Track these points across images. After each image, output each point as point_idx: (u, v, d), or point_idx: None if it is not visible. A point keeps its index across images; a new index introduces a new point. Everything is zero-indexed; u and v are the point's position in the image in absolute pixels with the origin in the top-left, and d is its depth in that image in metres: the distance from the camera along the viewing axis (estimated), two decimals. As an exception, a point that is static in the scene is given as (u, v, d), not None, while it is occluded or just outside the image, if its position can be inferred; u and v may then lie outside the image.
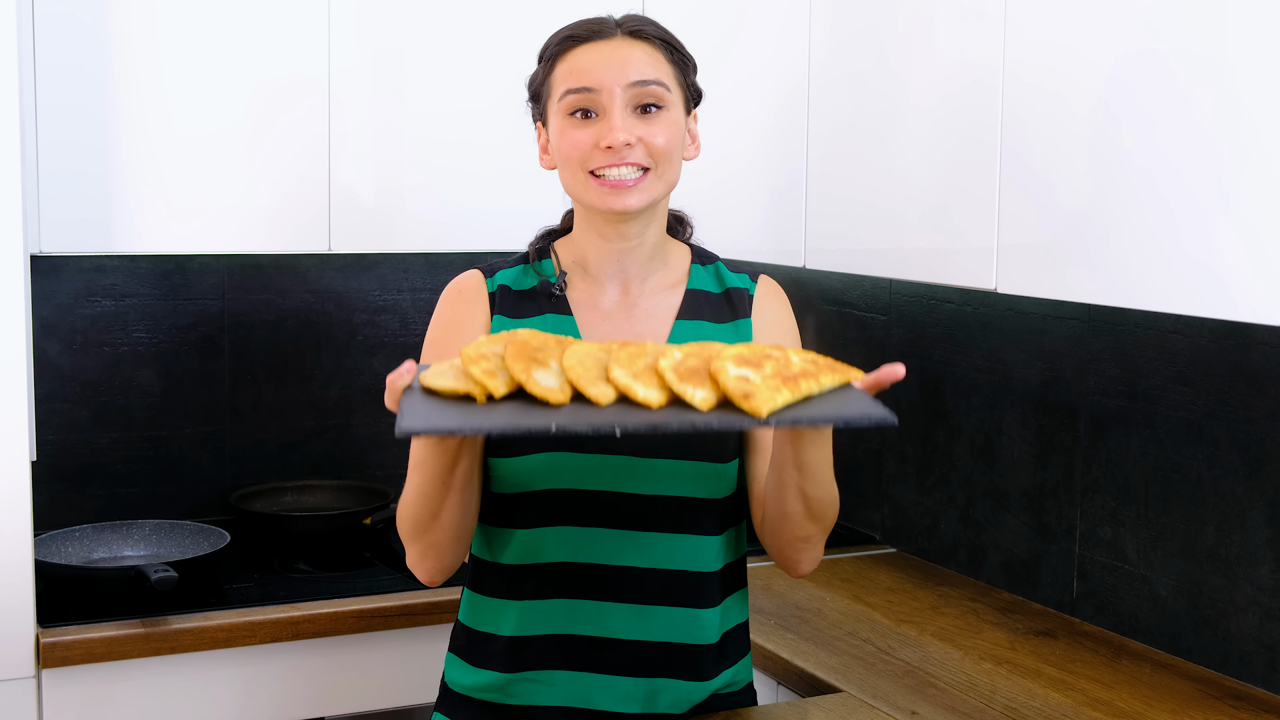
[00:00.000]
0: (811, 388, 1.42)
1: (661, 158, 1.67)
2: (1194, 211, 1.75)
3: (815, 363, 1.47)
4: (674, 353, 1.44)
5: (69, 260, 2.85)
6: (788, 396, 1.38)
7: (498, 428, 1.35)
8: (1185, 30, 1.76)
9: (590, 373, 1.42)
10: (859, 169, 2.37)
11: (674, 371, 1.40)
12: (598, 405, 1.38)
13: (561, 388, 1.41)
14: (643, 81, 1.66)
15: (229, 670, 2.41)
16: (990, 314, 2.57)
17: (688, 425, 1.34)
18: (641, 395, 1.38)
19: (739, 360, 1.42)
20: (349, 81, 2.67)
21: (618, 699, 1.71)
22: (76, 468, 2.89)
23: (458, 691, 1.78)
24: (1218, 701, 2.05)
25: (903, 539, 2.82)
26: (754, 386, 1.37)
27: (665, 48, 1.70)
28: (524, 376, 1.41)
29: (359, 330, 3.11)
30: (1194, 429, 2.18)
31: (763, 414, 1.34)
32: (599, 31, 1.69)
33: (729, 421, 1.35)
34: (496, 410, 1.38)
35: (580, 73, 1.67)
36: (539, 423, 1.33)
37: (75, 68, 2.47)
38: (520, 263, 1.79)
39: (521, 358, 1.43)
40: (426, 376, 1.44)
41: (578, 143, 1.66)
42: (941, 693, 2.07)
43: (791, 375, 1.41)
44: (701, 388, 1.38)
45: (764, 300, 1.79)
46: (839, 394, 1.44)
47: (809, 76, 2.48)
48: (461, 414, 1.37)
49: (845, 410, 1.38)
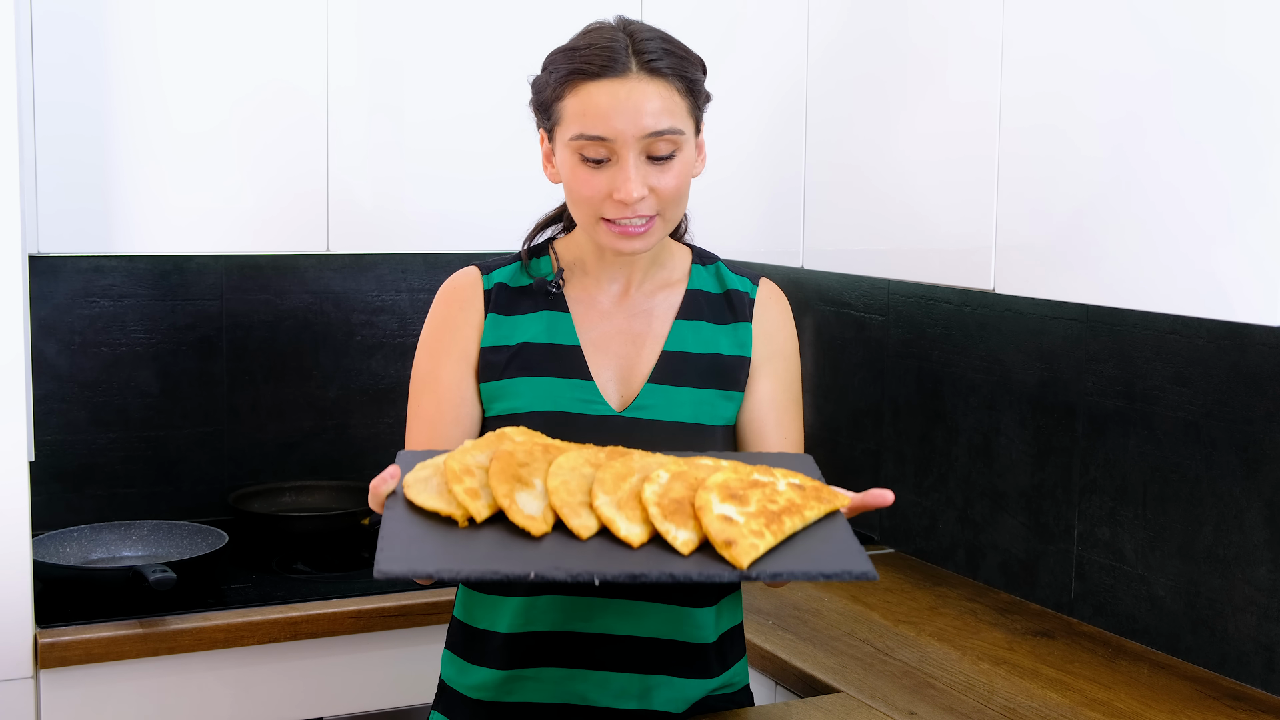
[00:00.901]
0: (796, 525, 1.41)
1: (671, 203, 1.65)
2: (1192, 212, 1.75)
3: (802, 490, 1.45)
4: (660, 474, 1.43)
5: (67, 261, 2.85)
6: (770, 542, 1.37)
7: (475, 573, 1.34)
8: (1182, 34, 1.76)
9: (575, 497, 1.42)
10: (857, 169, 2.37)
11: (658, 505, 1.39)
12: (579, 537, 1.39)
13: (544, 515, 1.41)
14: (658, 132, 1.60)
15: (227, 671, 2.41)
16: (988, 314, 2.57)
17: (666, 576, 1.33)
18: (624, 533, 1.38)
19: (724, 493, 1.40)
20: (348, 81, 2.67)
21: (613, 695, 1.71)
22: (75, 468, 2.89)
23: (454, 689, 1.78)
24: (1215, 702, 2.05)
25: (901, 539, 2.83)
26: (736, 532, 1.36)
27: (679, 81, 1.63)
28: (506, 502, 1.41)
29: (357, 331, 3.11)
30: (1192, 429, 2.18)
31: (744, 565, 1.34)
32: (611, 65, 1.60)
33: (709, 572, 1.34)
34: (477, 540, 1.38)
35: (594, 119, 1.60)
36: (517, 569, 1.33)
37: (74, 68, 2.47)
38: (517, 260, 1.79)
39: (505, 477, 1.43)
40: (410, 485, 1.45)
41: (589, 185, 1.63)
42: (940, 693, 2.07)
43: (776, 512, 1.40)
44: (684, 528, 1.38)
45: (765, 307, 1.78)
46: (824, 529, 1.43)
47: (807, 77, 2.48)
48: (441, 545, 1.37)
49: (826, 565, 1.36)
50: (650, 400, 1.70)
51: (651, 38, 1.64)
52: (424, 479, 1.48)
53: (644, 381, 1.71)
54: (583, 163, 1.63)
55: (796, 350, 1.81)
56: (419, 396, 1.75)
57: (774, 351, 1.77)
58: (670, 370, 1.72)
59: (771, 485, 1.44)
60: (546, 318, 1.73)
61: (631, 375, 1.72)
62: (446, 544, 1.38)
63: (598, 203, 1.63)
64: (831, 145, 2.43)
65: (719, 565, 1.35)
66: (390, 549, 1.36)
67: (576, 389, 1.70)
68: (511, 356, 1.71)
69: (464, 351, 1.73)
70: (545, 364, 1.70)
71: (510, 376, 1.70)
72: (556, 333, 1.72)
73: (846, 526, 1.44)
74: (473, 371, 1.73)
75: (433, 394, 1.73)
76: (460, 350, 1.73)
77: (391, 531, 1.40)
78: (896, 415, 2.81)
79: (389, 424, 3.15)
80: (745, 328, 1.76)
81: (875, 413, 2.84)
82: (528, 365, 1.70)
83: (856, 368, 2.88)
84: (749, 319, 1.76)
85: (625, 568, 1.34)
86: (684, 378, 1.72)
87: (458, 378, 1.72)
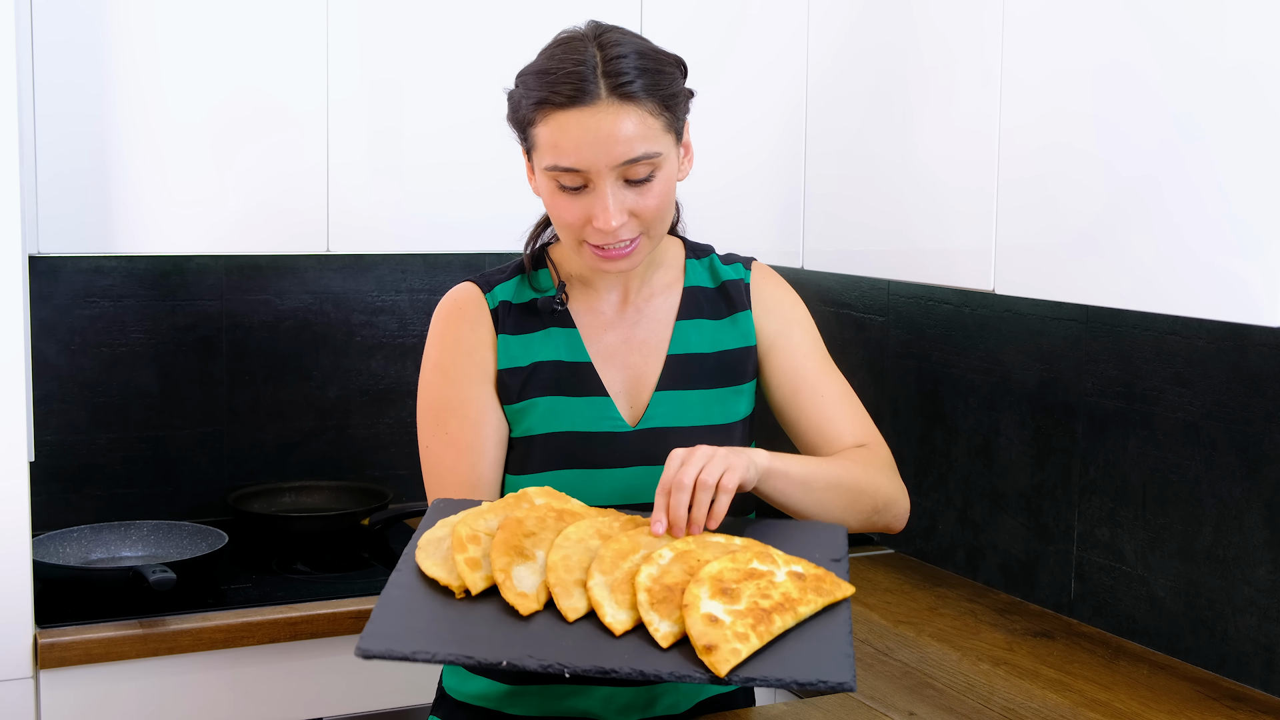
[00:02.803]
0: (787, 623, 1.38)
1: (654, 222, 1.62)
2: (1192, 212, 1.75)
3: (802, 581, 1.42)
4: (663, 554, 1.42)
5: (67, 261, 2.85)
6: (754, 645, 1.34)
7: (450, 657, 1.35)
8: (1183, 34, 1.76)
9: (572, 574, 1.42)
10: (857, 170, 2.37)
11: (648, 591, 1.38)
12: (565, 619, 1.39)
13: (538, 592, 1.41)
14: (632, 160, 1.56)
15: (227, 671, 2.41)
16: (988, 315, 2.57)
17: (637, 674, 1.32)
18: (609, 620, 1.38)
19: (715, 588, 1.38)
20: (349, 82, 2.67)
21: (617, 709, 1.71)
22: (74, 468, 2.89)
23: (455, 698, 1.77)
24: (1215, 702, 2.05)
25: (900, 540, 2.83)
26: (719, 635, 1.33)
27: (653, 100, 1.57)
28: (501, 577, 1.42)
29: (357, 331, 3.11)
30: (1192, 430, 2.19)
31: (721, 674, 1.32)
32: (580, 94, 1.54)
33: (682, 673, 1.33)
34: (465, 617, 1.40)
35: (566, 150, 1.55)
36: (490, 655, 1.34)
37: (75, 68, 2.47)
38: (517, 273, 1.76)
39: (506, 549, 1.44)
40: (422, 546, 1.48)
41: (568, 211, 1.60)
42: (939, 694, 2.07)
43: (768, 610, 1.37)
44: (668, 619, 1.37)
45: (761, 288, 1.78)
46: (819, 625, 1.40)
47: (808, 78, 2.48)
48: (427, 623, 1.39)
49: (802, 672, 1.33)
50: (661, 408, 1.70)
51: (623, 54, 1.57)
52: (438, 540, 1.49)
53: (652, 390, 1.71)
54: (560, 191, 1.59)
55: (807, 315, 1.80)
56: (445, 423, 1.69)
57: (783, 324, 1.77)
58: (677, 375, 1.71)
59: (769, 576, 1.41)
60: (554, 335, 1.71)
61: (640, 385, 1.72)
62: (433, 622, 1.40)
63: (578, 228, 1.61)
64: (832, 146, 2.43)
65: (695, 666, 1.33)
66: (377, 624, 1.39)
67: (592, 406, 1.69)
68: (526, 378, 1.69)
69: (485, 372, 1.70)
70: (559, 383, 1.69)
71: (527, 398, 1.69)
72: (566, 350, 1.71)
73: (846, 625, 1.40)
74: (495, 391, 1.70)
75: (461, 419, 1.68)
76: (481, 372, 1.70)
77: (388, 600, 1.43)
78: (896, 416, 2.81)
79: (389, 424, 3.15)
80: (746, 316, 1.75)
81: (875, 413, 2.85)
82: (542, 386, 1.69)
83: (856, 368, 2.88)
84: (748, 306, 1.76)
85: (596, 662, 1.33)
86: (692, 380, 1.71)
87: (486, 399, 1.69)
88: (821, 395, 1.75)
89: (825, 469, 1.64)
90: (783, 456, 1.59)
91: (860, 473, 1.68)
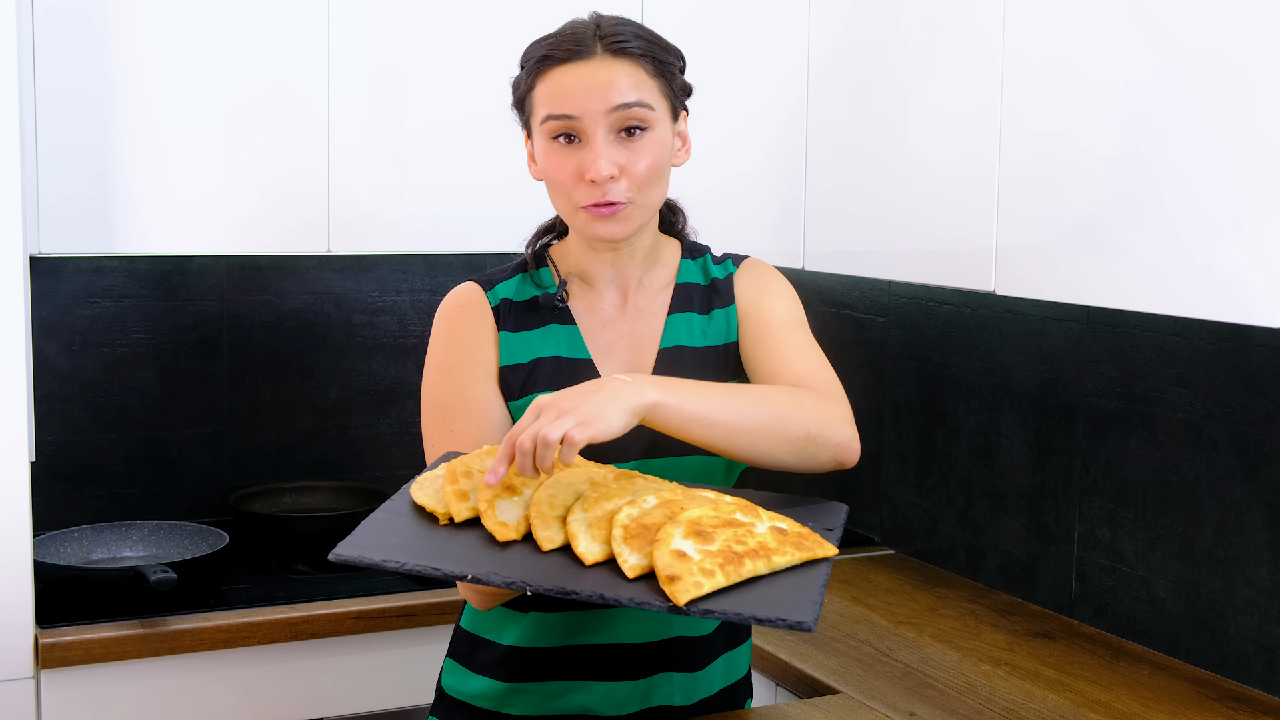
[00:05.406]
0: (759, 569, 1.37)
1: (644, 186, 1.64)
2: (1193, 213, 1.75)
3: (782, 535, 1.41)
4: (648, 500, 1.43)
5: (68, 261, 2.85)
6: (720, 582, 1.33)
7: (417, 568, 1.36)
8: (1184, 34, 1.76)
9: (554, 510, 1.43)
10: (858, 171, 2.37)
11: (624, 527, 1.39)
12: (541, 549, 1.40)
13: (518, 524, 1.42)
14: (624, 105, 1.61)
15: (228, 671, 2.41)
16: (989, 316, 2.57)
17: (597, 596, 1.32)
18: (581, 549, 1.38)
19: (690, 529, 1.38)
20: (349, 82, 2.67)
21: (617, 704, 1.71)
22: (75, 468, 2.89)
23: (454, 697, 1.78)
24: (1216, 703, 2.05)
25: (901, 541, 2.83)
26: (684, 568, 1.33)
27: (648, 61, 1.64)
28: (484, 506, 1.43)
29: (358, 331, 3.11)
30: (1192, 431, 2.19)
31: (680, 603, 1.31)
32: (578, 50, 1.63)
33: (640, 599, 1.32)
34: (445, 540, 1.41)
35: (560, 98, 1.62)
36: (457, 569, 1.35)
37: (75, 68, 2.47)
38: (518, 272, 1.77)
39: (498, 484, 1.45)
40: (419, 480, 1.50)
41: (562, 168, 1.64)
42: (940, 694, 2.07)
43: (740, 553, 1.36)
44: (638, 553, 1.37)
45: (742, 280, 1.78)
46: (795, 576, 1.39)
47: (808, 79, 2.48)
48: (404, 540, 1.40)
49: (762, 609, 1.31)
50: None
51: (622, 25, 1.66)
52: (434, 475, 1.51)
53: None
54: (555, 145, 1.64)
55: (791, 292, 1.78)
56: (450, 421, 1.69)
57: (760, 292, 1.75)
58: (669, 368, 1.72)
59: (749, 527, 1.41)
60: (555, 332, 1.72)
61: None
62: (411, 539, 1.41)
63: (572, 187, 1.64)
64: (832, 147, 2.43)
65: (655, 595, 1.33)
66: (356, 536, 1.41)
67: None
68: (528, 374, 1.70)
69: (489, 370, 1.70)
70: (560, 380, 1.69)
71: (529, 394, 1.69)
72: (567, 346, 1.72)
73: (821, 577, 1.39)
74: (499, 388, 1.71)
75: (467, 417, 1.68)
76: (486, 369, 1.70)
77: (373, 520, 1.45)
78: (897, 416, 2.81)
79: (389, 424, 3.15)
80: (728, 311, 1.76)
81: (876, 414, 2.85)
82: (544, 381, 1.69)
83: (857, 369, 2.88)
84: (733, 301, 1.76)
85: (559, 583, 1.33)
86: (684, 372, 1.72)
87: (491, 396, 1.70)
88: (782, 343, 1.72)
89: (736, 395, 1.56)
90: (682, 388, 1.52)
91: (784, 399, 1.59)
